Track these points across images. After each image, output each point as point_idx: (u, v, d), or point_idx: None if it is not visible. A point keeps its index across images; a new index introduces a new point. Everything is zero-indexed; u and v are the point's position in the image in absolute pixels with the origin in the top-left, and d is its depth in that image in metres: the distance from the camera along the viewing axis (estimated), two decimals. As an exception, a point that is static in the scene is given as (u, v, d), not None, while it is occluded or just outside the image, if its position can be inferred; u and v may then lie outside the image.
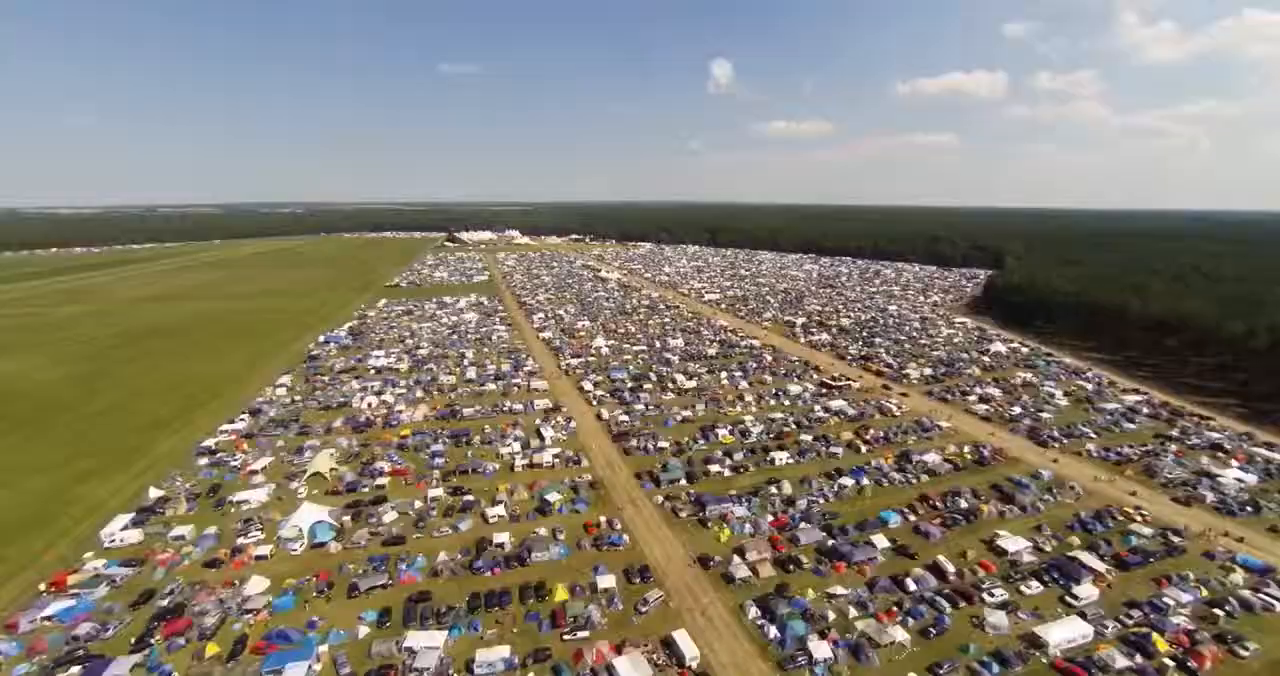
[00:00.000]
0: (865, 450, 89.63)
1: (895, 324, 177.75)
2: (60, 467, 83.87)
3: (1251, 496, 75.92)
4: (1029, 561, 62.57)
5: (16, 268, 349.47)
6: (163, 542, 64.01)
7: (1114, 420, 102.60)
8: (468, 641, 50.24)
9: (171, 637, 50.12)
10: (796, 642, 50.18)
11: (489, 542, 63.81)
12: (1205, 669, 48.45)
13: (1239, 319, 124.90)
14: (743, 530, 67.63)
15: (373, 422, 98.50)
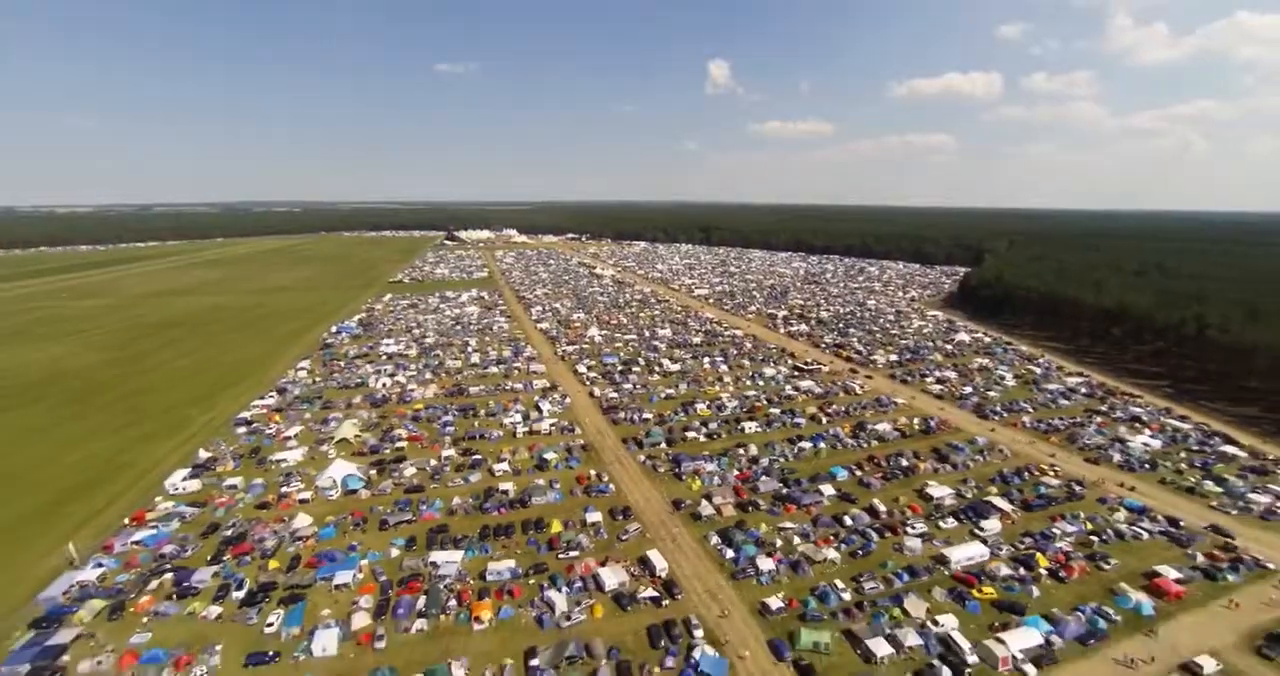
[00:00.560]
0: (826, 421, 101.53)
1: (871, 317, 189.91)
2: (117, 434, 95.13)
3: (1153, 457, 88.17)
4: (950, 504, 74.47)
5: (29, 265, 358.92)
6: (219, 490, 75.47)
7: (1052, 398, 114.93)
8: (480, 559, 61.75)
9: (239, 557, 61.54)
10: (747, 560, 61.91)
11: (496, 490, 75.48)
12: (1073, 577, 60.41)
13: (1174, 310, 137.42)
14: (711, 482, 79.41)
15: (388, 399, 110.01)
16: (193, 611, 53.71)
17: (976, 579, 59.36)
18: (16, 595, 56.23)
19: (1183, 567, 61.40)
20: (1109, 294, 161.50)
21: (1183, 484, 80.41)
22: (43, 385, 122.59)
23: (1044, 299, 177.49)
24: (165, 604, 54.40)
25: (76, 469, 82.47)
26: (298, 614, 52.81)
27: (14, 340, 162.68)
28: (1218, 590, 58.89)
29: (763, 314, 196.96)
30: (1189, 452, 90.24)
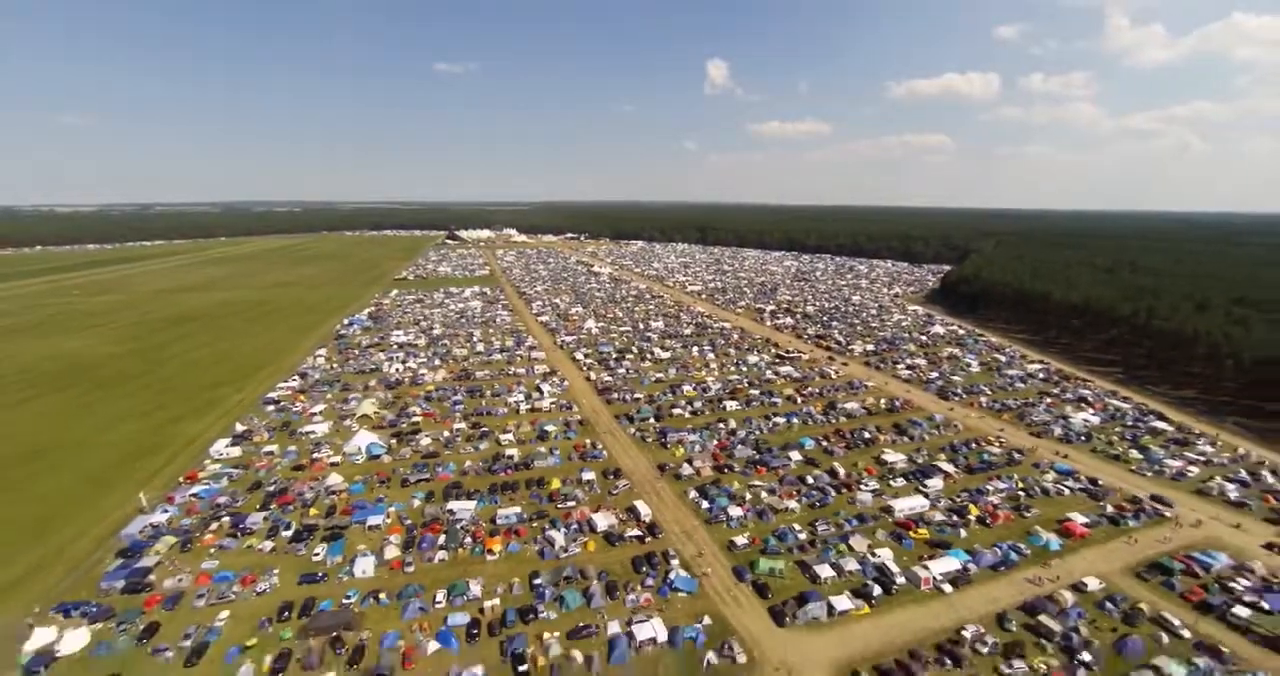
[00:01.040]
0: (800, 401, 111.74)
1: (854, 311, 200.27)
2: (153, 414, 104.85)
3: (1090, 431, 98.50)
4: (901, 468, 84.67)
5: (37, 263, 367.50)
6: (258, 455, 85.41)
7: (1011, 382, 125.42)
8: (490, 508, 71.72)
9: (283, 506, 71.48)
10: (720, 509, 72.02)
11: (502, 455, 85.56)
12: (997, 523, 70.67)
13: (1130, 303, 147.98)
14: (693, 449, 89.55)
15: (402, 381, 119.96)
16: (250, 545, 63.68)
17: (914, 524, 69.62)
18: (100, 532, 66.25)
19: (1091, 515, 71.82)
20: (1076, 289, 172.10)
21: (1110, 452, 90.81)
22: (69, 374, 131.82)
23: (1017, 294, 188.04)
24: (226, 540, 64.37)
25: (128, 440, 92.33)
26: (338, 547, 62.81)
27: (34, 334, 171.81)
28: (1119, 532, 69.24)
29: (751, 308, 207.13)
30: (1123, 427, 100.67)
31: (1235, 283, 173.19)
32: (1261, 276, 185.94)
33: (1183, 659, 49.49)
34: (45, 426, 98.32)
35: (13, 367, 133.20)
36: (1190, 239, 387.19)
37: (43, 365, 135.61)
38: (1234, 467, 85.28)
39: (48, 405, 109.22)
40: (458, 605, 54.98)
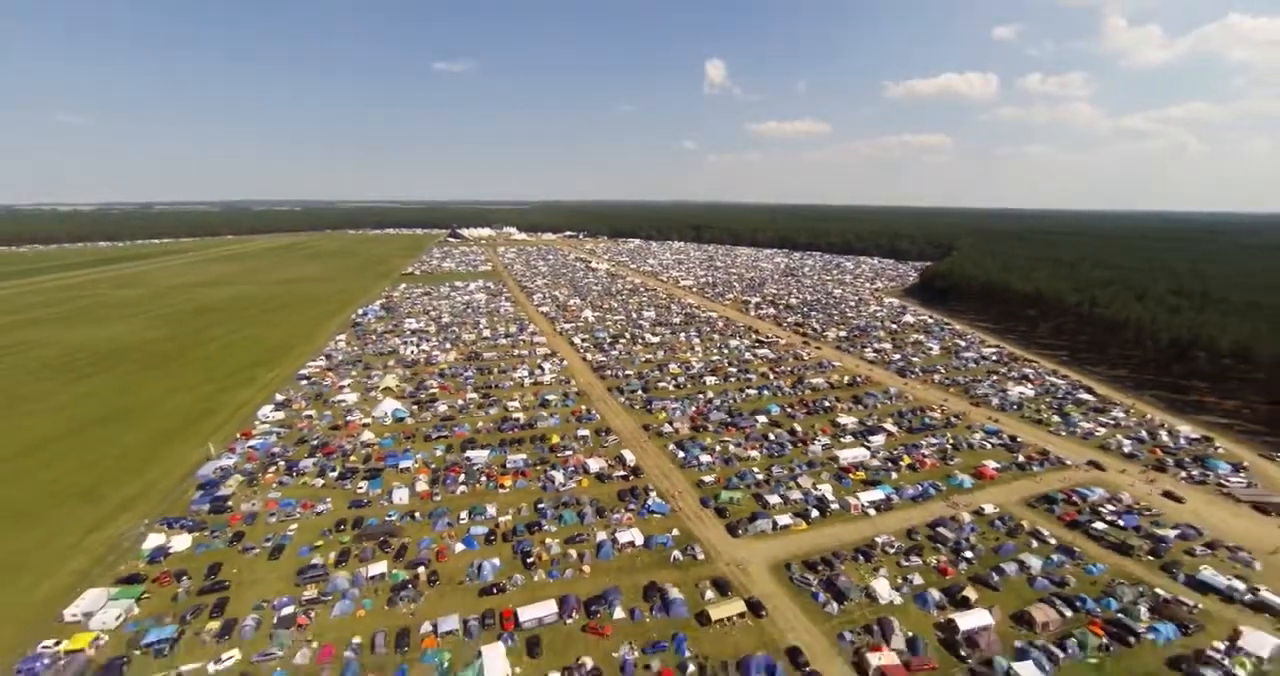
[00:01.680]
0: (773, 377, 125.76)
1: (834, 303, 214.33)
2: (202, 386, 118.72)
3: (1023, 401, 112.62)
4: (852, 428, 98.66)
5: (57, 259, 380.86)
6: (299, 418, 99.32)
7: (965, 362, 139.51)
8: (500, 456, 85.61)
9: (327, 455, 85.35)
10: (693, 457, 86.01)
11: (509, 418, 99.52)
12: (924, 469, 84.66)
13: (1077, 293, 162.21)
14: (674, 414, 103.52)
15: (418, 361, 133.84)
16: (305, 482, 77.64)
17: (854, 469, 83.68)
18: (181, 472, 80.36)
19: (1004, 463, 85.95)
20: (1033, 281, 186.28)
21: (1036, 418, 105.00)
22: (118, 355, 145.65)
23: (984, 287, 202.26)
24: (284, 478, 78.32)
25: (186, 406, 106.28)
26: (377, 482, 76.85)
27: (75, 322, 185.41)
28: (1024, 475, 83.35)
29: (738, 301, 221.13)
30: (1053, 399, 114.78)
31: (1181, 275, 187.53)
32: (1205, 270, 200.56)
33: (1043, 555, 63.62)
34: (114, 395, 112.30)
35: (68, 350, 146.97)
36: (1169, 237, 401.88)
37: (93, 348, 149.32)
38: (1136, 429, 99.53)
39: (109, 379, 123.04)
40: (478, 521, 68.97)
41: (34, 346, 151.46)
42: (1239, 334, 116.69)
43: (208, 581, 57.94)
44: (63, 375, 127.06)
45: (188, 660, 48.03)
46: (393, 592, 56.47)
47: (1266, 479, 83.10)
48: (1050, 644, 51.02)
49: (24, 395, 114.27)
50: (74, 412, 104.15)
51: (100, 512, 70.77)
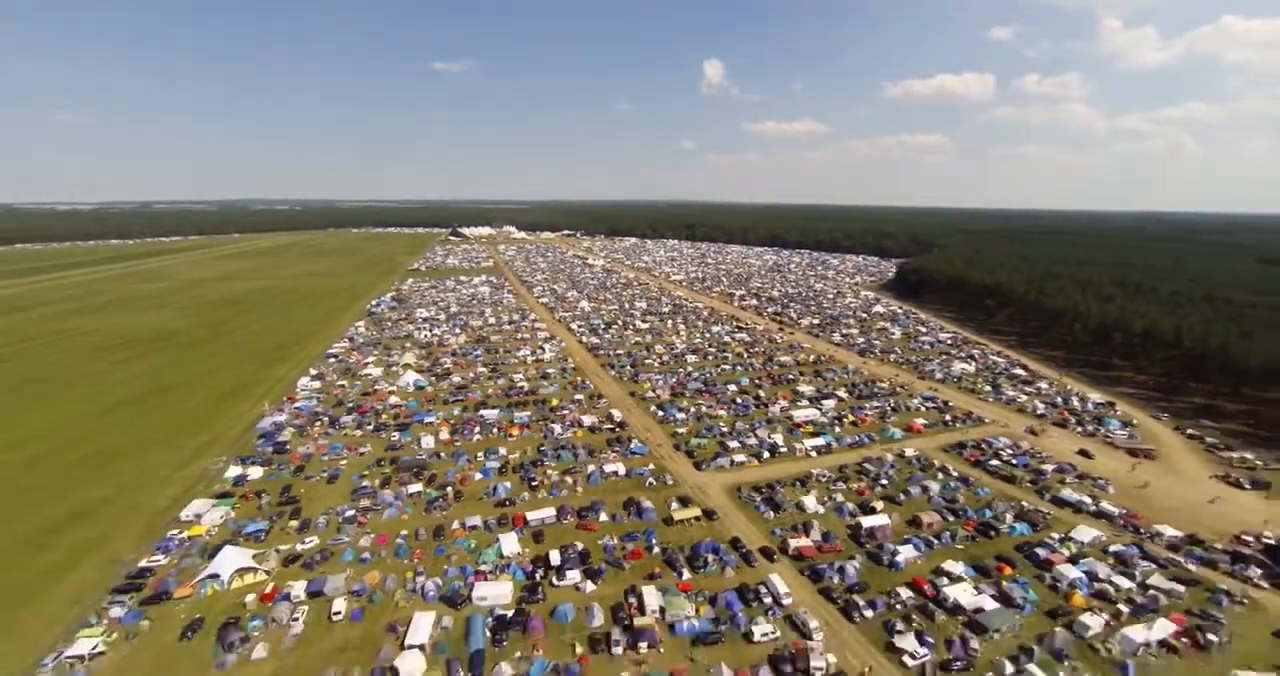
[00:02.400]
0: (747, 356, 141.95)
1: (813, 296, 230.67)
2: (244, 363, 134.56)
3: (963, 376, 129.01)
4: (810, 395, 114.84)
5: (76, 256, 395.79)
6: (333, 386, 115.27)
7: (921, 345, 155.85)
8: (508, 415, 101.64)
9: (361, 414, 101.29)
10: (671, 415, 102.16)
11: (515, 386, 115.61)
12: (864, 424, 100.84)
13: (1028, 285, 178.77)
14: (657, 384, 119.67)
15: (432, 343, 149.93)
16: (346, 433, 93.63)
17: (805, 424, 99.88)
18: (243, 425, 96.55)
19: (932, 421, 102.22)
20: (993, 275, 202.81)
21: (970, 388, 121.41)
22: (160, 339, 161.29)
23: (950, 280, 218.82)
24: (329, 430, 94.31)
25: (233, 378, 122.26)
26: (407, 432, 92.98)
27: (112, 312, 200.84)
28: (947, 430, 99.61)
29: (724, 293, 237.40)
30: (991, 373, 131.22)
31: (1134, 269, 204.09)
32: (1156, 264, 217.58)
33: (943, 482, 79.89)
34: (166, 371, 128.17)
35: (113, 335, 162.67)
36: (1146, 237, 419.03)
37: (136, 334, 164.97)
38: (1053, 396, 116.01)
39: (159, 359, 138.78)
40: (491, 459, 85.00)
41: (82, 333, 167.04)
42: (1149, 319, 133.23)
43: (282, 497, 73.94)
44: (116, 355, 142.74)
45: (279, 541, 64.04)
46: (428, 504, 72.56)
47: (1147, 433, 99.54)
48: (930, 536, 67.27)
49: (87, 372, 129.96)
50: (135, 385, 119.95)
51: (183, 454, 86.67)
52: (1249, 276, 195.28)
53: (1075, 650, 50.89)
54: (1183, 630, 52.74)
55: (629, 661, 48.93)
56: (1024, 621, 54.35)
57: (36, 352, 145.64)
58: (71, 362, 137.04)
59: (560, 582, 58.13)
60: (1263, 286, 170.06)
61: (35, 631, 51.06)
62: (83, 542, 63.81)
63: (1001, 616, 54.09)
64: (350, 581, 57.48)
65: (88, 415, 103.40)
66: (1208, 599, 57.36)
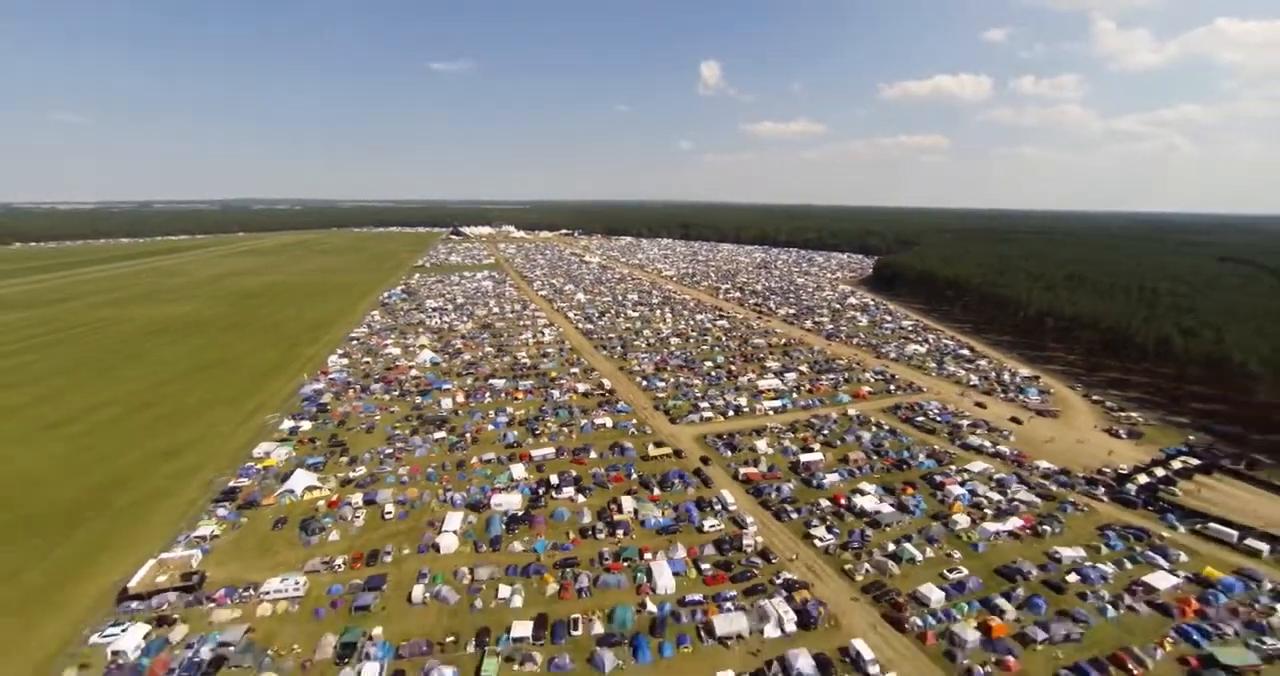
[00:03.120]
0: (725, 339, 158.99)
1: (794, 289, 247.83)
2: (277, 345, 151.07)
3: (914, 355, 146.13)
4: (775, 370, 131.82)
5: (93, 253, 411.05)
6: (359, 362, 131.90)
7: (883, 331, 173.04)
8: (514, 384, 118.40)
9: (387, 383, 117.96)
10: (653, 385, 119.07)
11: (518, 362, 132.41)
12: (819, 391, 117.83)
13: (984, 278, 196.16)
14: (643, 361, 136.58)
15: (443, 328, 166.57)
16: (376, 397, 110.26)
17: (768, 391, 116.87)
18: (287, 391, 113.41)
19: (878, 389, 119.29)
20: (955, 269, 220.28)
21: (917, 365, 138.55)
22: (195, 326, 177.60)
23: (919, 274, 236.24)
24: (361, 395, 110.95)
25: (270, 357, 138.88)
26: (429, 396, 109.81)
27: (146, 303, 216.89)
28: (889, 396, 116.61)
29: (711, 287, 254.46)
30: (938, 353, 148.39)
31: (1088, 264, 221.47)
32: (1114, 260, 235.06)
33: (874, 433, 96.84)
34: (209, 351, 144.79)
35: (152, 322, 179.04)
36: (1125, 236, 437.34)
37: (172, 321, 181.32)
38: (987, 371, 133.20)
39: (199, 342, 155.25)
40: (501, 416, 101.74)
41: (122, 321, 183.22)
42: (1078, 306, 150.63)
43: (331, 442, 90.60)
44: (160, 339, 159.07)
45: (334, 471, 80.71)
46: (450, 447, 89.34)
47: (1061, 399, 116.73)
48: (854, 468, 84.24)
49: (137, 352, 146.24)
50: (184, 362, 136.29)
51: (242, 412, 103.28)
52: (1191, 271, 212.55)
53: (945, 538, 67.91)
54: (1029, 525, 69.87)
55: (608, 542, 65.74)
56: (912, 521, 71.43)
57: (88, 337, 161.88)
58: (121, 345, 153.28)
59: (558, 496, 75.02)
60: (1194, 279, 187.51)
61: (167, 521, 67.82)
62: (183, 468, 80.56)
63: (895, 517, 71.17)
64: (395, 494, 74.21)
65: (151, 385, 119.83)
66: (1057, 507, 74.52)
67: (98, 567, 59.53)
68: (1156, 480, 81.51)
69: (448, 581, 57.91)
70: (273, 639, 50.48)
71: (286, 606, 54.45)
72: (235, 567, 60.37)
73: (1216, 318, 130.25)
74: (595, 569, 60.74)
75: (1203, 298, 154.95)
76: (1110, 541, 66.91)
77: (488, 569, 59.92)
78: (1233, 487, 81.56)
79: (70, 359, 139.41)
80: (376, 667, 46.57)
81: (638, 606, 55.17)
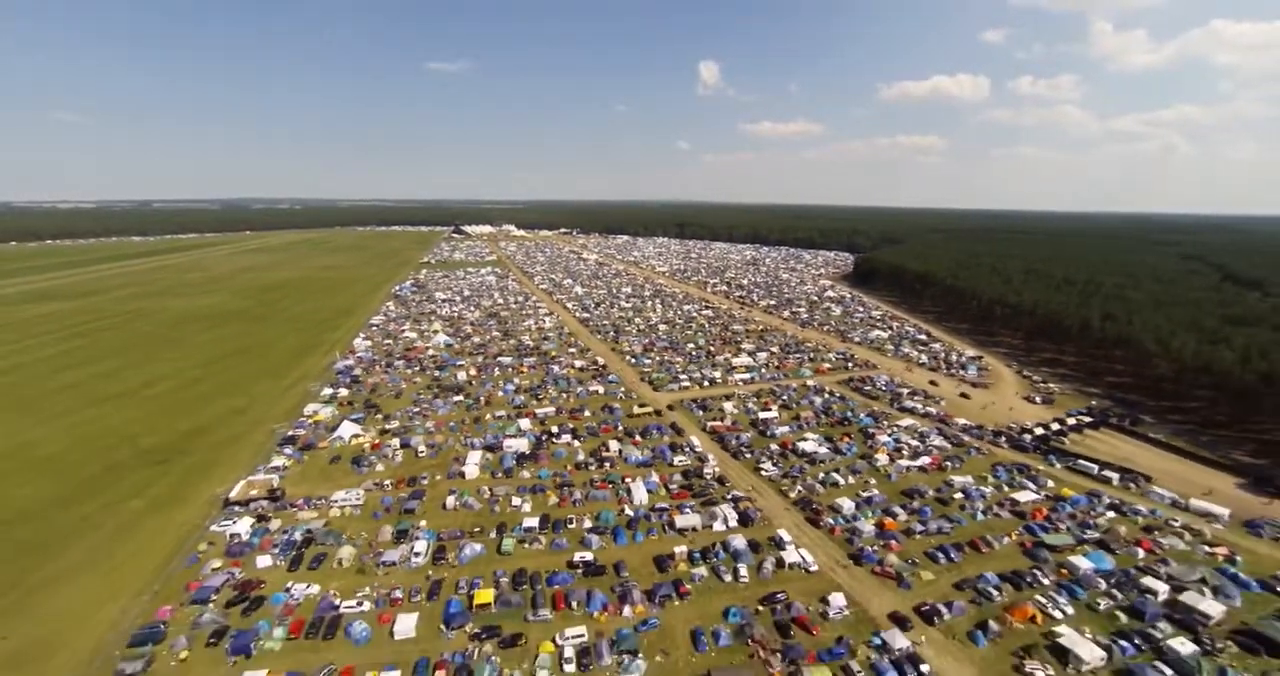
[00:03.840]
0: (707, 326, 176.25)
1: (778, 284, 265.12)
2: (301, 332, 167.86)
3: (876, 339, 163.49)
4: (749, 350, 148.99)
5: (108, 250, 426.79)
6: (381, 343, 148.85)
7: (853, 319, 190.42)
8: (519, 361, 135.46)
9: (408, 360, 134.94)
10: (641, 363, 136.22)
11: (523, 344, 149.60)
12: (785, 368, 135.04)
13: (948, 272, 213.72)
14: (634, 343, 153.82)
15: (453, 316, 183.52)
16: (399, 371, 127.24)
17: (740, 367, 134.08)
18: (320, 367, 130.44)
19: (835, 365, 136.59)
20: (925, 264, 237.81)
21: (877, 347, 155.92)
22: (224, 316, 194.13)
23: (892, 269, 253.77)
24: (388, 370, 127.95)
25: (300, 341, 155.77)
26: (445, 371, 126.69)
27: (172, 296, 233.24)
28: (846, 371, 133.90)
29: (701, 282, 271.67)
30: (898, 337, 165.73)
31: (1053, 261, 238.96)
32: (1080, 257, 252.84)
33: (826, 400, 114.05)
34: (242, 337, 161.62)
35: (183, 313, 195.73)
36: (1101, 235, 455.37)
37: (201, 312, 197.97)
38: (937, 352, 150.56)
39: (231, 329, 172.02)
40: (509, 385, 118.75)
41: (154, 312, 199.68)
42: (1023, 297, 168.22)
43: (366, 404, 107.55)
44: (195, 327, 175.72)
45: (373, 425, 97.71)
46: (467, 408, 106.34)
47: (996, 374, 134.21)
48: (803, 423, 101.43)
49: (177, 338, 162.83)
50: (222, 346, 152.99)
51: (285, 383, 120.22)
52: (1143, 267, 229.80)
53: (867, 471, 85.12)
54: (936, 463, 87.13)
55: (597, 472, 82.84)
56: (843, 460, 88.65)
57: (128, 325, 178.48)
58: (161, 332, 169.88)
59: (557, 441, 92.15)
60: (1142, 274, 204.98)
61: (245, 457, 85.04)
62: (249, 422, 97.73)
63: (829, 456, 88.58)
64: (425, 440, 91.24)
65: (197, 364, 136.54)
66: (964, 451, 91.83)
67: (203, 485, 76.69)
68: (1051, 433, 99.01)
69: (472, 494, 75.07)
70: (345, 529, 67.57)
71: (350, 511, 71.57)
72: (305, 487, 77.42)
73: (1138, 306, 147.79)
74: (586, 488, 77.89)
75: (1136, 290, 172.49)
76: (997, 473, 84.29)
77: (503, 487, 77.10)
78: (1113, 439, 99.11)
79: (119, 343, 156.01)
80: (424, 544, 63.64)
81: (618, 511, 72.35)
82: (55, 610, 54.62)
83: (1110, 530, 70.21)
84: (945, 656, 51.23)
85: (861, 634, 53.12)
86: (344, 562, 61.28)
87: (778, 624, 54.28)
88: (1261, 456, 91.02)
